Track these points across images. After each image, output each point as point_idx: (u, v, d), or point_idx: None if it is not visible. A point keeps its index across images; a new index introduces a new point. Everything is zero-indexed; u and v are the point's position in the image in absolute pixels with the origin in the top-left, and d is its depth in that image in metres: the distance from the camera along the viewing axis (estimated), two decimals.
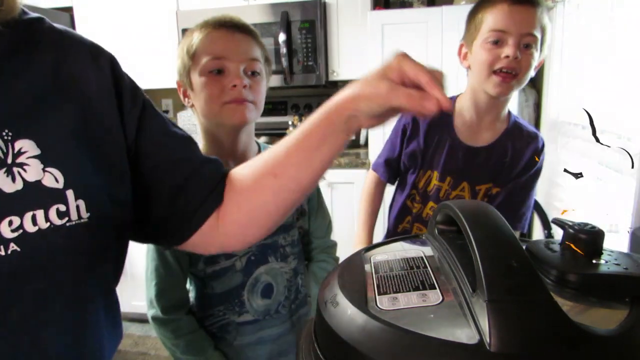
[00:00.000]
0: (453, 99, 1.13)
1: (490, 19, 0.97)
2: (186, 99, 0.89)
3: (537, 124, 2.04)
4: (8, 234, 0.40)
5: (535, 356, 0.28)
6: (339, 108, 0.51)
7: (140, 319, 2.53)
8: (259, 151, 0.94)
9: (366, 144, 2.37)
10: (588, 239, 0.38)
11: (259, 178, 0.56)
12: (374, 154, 2.12)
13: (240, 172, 0.59)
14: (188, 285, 0.94)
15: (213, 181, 0.58)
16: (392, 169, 1.21)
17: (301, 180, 0.55)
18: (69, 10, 2.57)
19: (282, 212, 0.58)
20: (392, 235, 1.24)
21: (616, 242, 1.23)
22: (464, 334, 0.30)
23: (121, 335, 0.56)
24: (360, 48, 2.29)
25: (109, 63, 0.52)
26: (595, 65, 1.53)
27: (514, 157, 1.06)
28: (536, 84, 2.05)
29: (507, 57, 0.94)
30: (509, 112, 1.10)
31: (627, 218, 1.13)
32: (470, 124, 1.08)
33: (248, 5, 2.33)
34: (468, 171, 1.08)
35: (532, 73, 0.98)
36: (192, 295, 0.94)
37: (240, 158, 0.88)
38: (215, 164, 0.60)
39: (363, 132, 2.51)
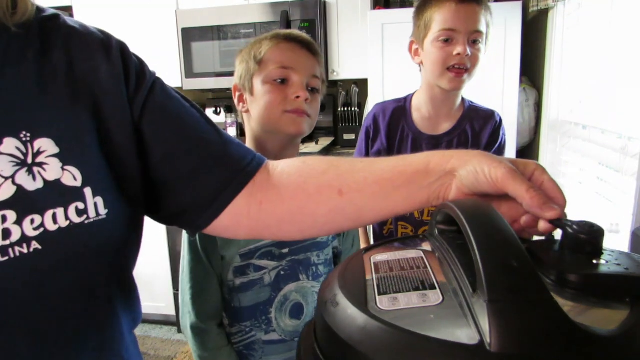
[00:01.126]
0: (409, 97, 1.19)
1: (439, 18, 1.01)
2: (241, 104, 0.90)
3: (537, 124, 2.04)
4: (30, 232, 0.41)
5: (535, 357, 0.28)
6: (440, 160, 0.47)
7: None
8: None
9: None
10: (588, 239, 0.38)
11: (319, 187, 0.53)
12: None
13: (286, 168, 0.56)
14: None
15: (239, 163, 0.55)
16: None
17: (364, 212, 0.52)
18: (68, 9, 2.57)
19: (327, 229, 0.56)
20: (380, 238, 1.25)
21: (617, 242, 1.23)
22: (464, 335, 0.30)
23: (139, 319, 0.57)
24: (360, 48, 2.29)
25: (119, 53, 0.52)
26: (596, 65, 1.53)
27: (474, 137, 1.11)
28: (536, 84, 2.05)
29: (459, 54, 0.99)
30: (463, 99, 1.16)
31: (628, 218, 1.13)
32: (429, 117, 1.14)
33: (248, 5, 2.33)
34: None
35: (480, 65, 1.06)
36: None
37: None
38: (242, 146, 0.57)
39: None
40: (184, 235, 0.88)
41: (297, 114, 0.84)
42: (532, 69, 2.08)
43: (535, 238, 0.47)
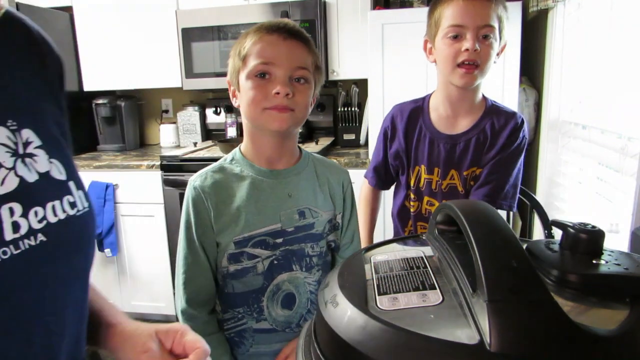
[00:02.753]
0: (427, 97, 1.17)
1: (448, 15, 1.01)
2: (234, 99, 0.90)
3: (537, 124, 2.03)
4: (36, 224, 0.42)
5: (535, 356, 0.28)
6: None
7: (141, 319, 2.52)
8: (300, 156, 0.95)
9: (366, 144, 2.38)
10: (588, 239, 0.38)
11: None
12: None
13: None
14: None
15: None
16: (379, 175, 1.25)
17: None
18: (68, 9, 2.57)
19: None
20: None
21: (617, 242, 1.23)
22: (464, 334, 0.30)
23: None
24: (360, 48, 2.29)
25: (61, 65, 0.55)
26: (596, 65, 1.53)
27: (493, 137, 1.10)
28: (536, 84, 2.05)
29: (467, 50, 0.98)
30: (484, 97, 1.13)
31: (628, 218, 1.13)
32: (446, 117, 1.12)
33: (248, 5, 2.33)
34: (452, 158, 1.11)
35: (494, 60, 1.03)
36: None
37: (280, 161, 0.91)
38: None
39: (363, 132, 2.51)
40: (182, 218, 0.89)
41: (277, 110, 0.82)
42: (531, 69, 2.08)
43: (535, 237, 0.47)
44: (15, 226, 0.40)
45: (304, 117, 0.87)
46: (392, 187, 1.29)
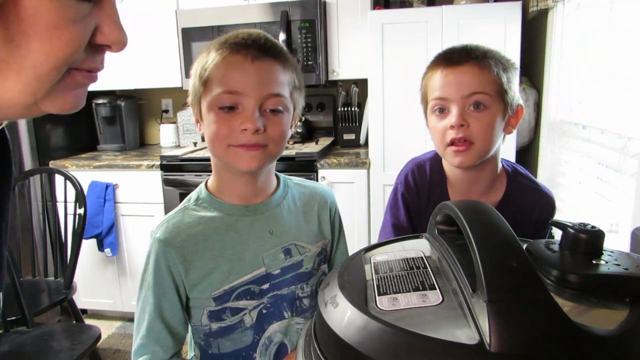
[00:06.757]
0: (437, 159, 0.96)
1: (431, 87, 0.87)
2: (199, 124, 0.77)
3: (537, 124, 2.04)
4: None
5: (535, 356, 0.28)
6: None
7: None
8: (278, 186, 0.82)
9: (366, 144, 2.37)
10: (588, 239, 0.38)
11: None
12: (374, 154, 2.12)
13: None
14: (191, 346, 0.82)
15: None
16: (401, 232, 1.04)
17: None
18: None
19: None
20: None
21: (617, 242, 1.23)
22: (464, 335, 0.30)
23: None
24: (360, 48, 2.29)
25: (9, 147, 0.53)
26: (595, 65, 1.53)
27: (518, 220, 0.89)
28: (536, 84, 2.05)
29: (452, 126, 0.82)
30: (504, 168, 0.92)
31: (628, 218, 1.13)
32: (463, 193, 0.94)
33: (248, 5, 2.33)
34: None
35: (501, 130, 0.84)
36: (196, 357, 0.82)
37: (257, 196, 0.79)
38: None
39: (363, 132, 2.51)
40: (141, 274, 0.78)
41: (246, 148, 0.69)
42: (531, 69, 2.08)
43: None
44: None
45: (279, 151, 0.74)
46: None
